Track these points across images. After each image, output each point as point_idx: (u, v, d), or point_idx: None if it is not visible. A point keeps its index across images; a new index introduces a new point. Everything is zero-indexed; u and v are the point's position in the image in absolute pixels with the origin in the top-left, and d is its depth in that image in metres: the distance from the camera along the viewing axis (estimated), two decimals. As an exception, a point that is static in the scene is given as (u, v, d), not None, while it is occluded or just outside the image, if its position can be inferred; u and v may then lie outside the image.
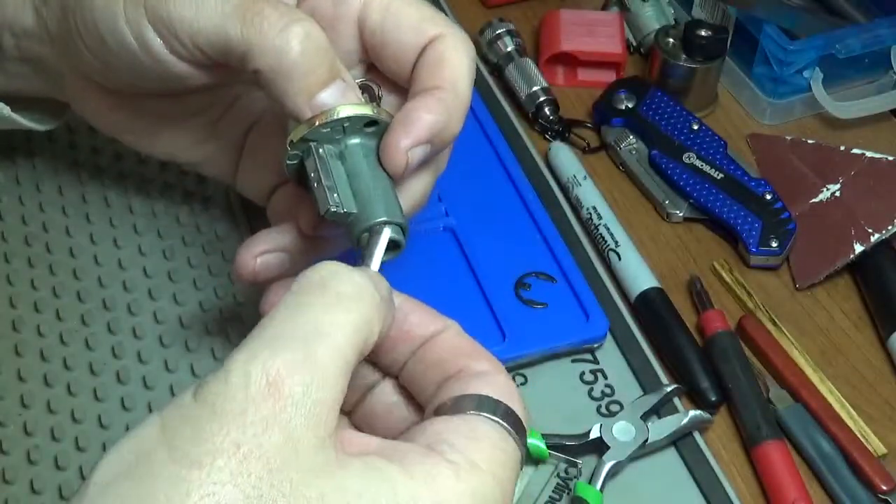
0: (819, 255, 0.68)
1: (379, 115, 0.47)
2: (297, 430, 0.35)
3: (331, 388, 0.36)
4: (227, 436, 0.34)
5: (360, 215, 0.46)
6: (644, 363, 0.62)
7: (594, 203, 0.69)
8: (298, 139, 0.47)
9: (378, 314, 0.39)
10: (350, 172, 0.47)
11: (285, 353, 0.36)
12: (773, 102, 0.77)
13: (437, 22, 0.50)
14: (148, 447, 0.35)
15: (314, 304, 0.38)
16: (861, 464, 0.58)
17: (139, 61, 0.50)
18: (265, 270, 0.52)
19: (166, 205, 0.66)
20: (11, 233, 0.64)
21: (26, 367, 0.58)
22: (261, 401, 0.35)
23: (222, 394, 0.35)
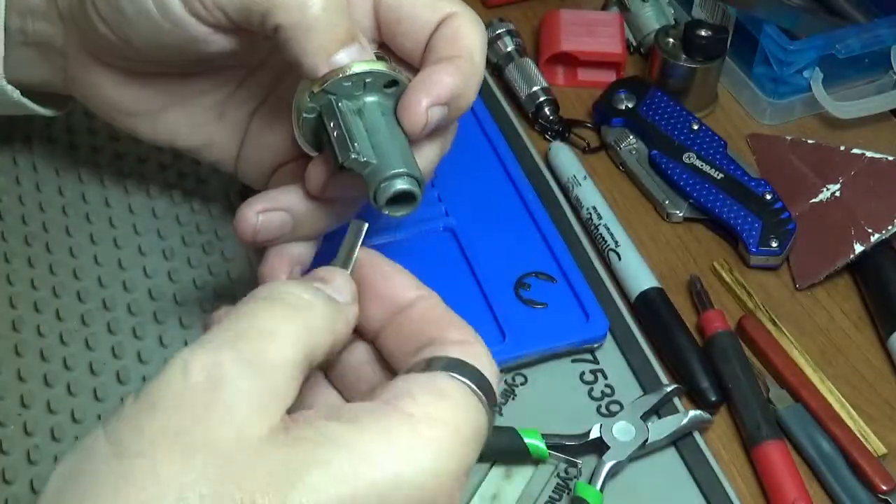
0: (819, 255, 0.68)
1: (399, 75, 0.48)
2: (241, 415, 0.35)
3: (274, 385, 0.36)
4: (166, 424, 0.34)
5: (379, 166, 0.46)
6: (644, 363, 0.62)
7: (594, 203, 0.69)
8: (318, 90, 0.47)
9: (326, 324, 0.39)
10: (368, 128, 0.48)
11: (227, 348, 0.36)
12: (773, 102, 0.77)
13: (450, 1, 0.51)
14: (93, 450, 0.35)
15: (264, 311, 0.38)
16: (861, 464, 0.58)
17: (157, 25, 0.50)
18: (266, 229, 0.52)
19: (166, 205, 0.66)
20: (11, 233, 0.64)
21: (26, 367, 0.58)
22: (200, 390, 0.35)
23: (160, 388, 0.35)
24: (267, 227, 0.52)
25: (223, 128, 0.58)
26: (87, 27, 0.52)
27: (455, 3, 0.51)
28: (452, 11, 0.51)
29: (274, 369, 0.36)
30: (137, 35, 0.51)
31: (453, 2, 0.52)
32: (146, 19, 0.50)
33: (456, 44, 0.50)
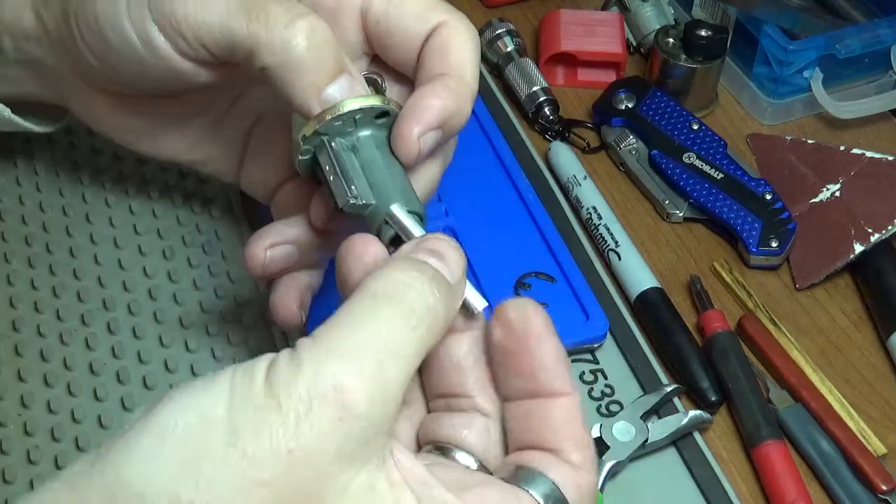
0: (819, 255, 0.68)
1: (389, 106, 0.48)
2: (351, 445, 0.35)
3: (391, 407, 0.36)
4: (283, 436, 0.34)
5: (378, 205, 0.46)
6: (644, 363, 0.62)
7: (594, 203, 0.69)
8: (311, 133, 0.47)
9: (444, 325, 0.40)
10: (364, 164, 0.47)
11: (357, 363, 0.36)
12: (773, 102, 0.77)
13: (441, 9, 0.50)
14: (212, 419, 0.35)
15: (389, 318, 0.38)
16: (861, 464, 0.58)
17: (143, 60, 0.49)
18: (274, 263, 0.52)
19: (166, 205, 0.66)
20: (11, 233, 0.64)
21: (26, 367, 0.58)
22: (324, 406, 0.35)
23: (290, 388, 0.35)
24: (275, 260, 0.52)
25: (221, 145, 0.58)
26: (76, 55, 0.52)
27: (445, 11, 0.50)
28: (442, 21, 0.50)
29: (394, 392, 0.36)
30: (124, 67, 0.51)
31: (444, 10, 0.50)
32: (132, 54, 0.49)
33: (446, 59, 0.49)
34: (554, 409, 0.41)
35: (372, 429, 0.36)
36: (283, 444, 0.34)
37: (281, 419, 0.34)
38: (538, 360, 0.41)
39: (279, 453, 0.34)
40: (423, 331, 0.38)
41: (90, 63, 0.52)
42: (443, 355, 0.43)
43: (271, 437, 0.34)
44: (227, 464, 0.34)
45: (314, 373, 0.35)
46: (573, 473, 0.40)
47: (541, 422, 0.41)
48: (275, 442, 0.34)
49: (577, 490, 0.40)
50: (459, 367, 0.43)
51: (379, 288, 0.39)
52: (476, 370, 0.43)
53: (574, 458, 0.40)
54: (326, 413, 0.35)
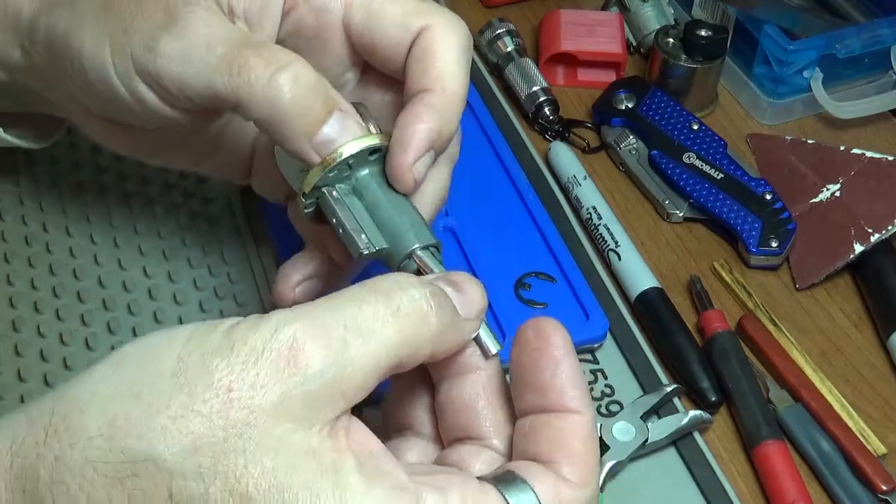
0: (819, 255, 0.68)
1: (379, 142, 0.47)
2: (293, 401, 0.35)
3: (348, 384, 0.36)
4: (227, 376, 0.35)
5: (393, 248, 0.46)
6: (644, 363, 0.62)
7: (594, 203, 0.69)
8: (310, 190, 0.47)
9: (428, 338, 0.39)
10: (368, 205, 0.47)
11: (322, 332, 0.36)
12: (773, 102, 0.77)
13: (423, 12, 0.49)
14: (164, 353, 0.36)
15: (372, 308, 0.38)
16: (861, 464, 0.58)
17: (131, 108, 0.49)
18: (304, 299, 0.52)
19: (166, 205, 0.66)
20: (11, 233, 0.64)
21: (26, 367, 0.58)
22: (274, 358, 0.35)
23: (246, 337, 0.36)
24: (303, 296, 0.52)
25: (224, 155, 0.57)
26: (67, 90, 0.51)
27: (427, 13, 0.49)
28: (424, 25, 0.49)
29: (353, 367, 0.37)
30: (115, 110, 0.50)
31: (428, 12, 0.49)
32: (120, 102, 0.49)
33: (428, 70, 0.48)
34: (559, 423, 0.40)
35: (319, 394, 0.36)
36: (225, 383, 0.35)
37: (228, 361, 0.35)
38: (549, 375, 0.41)
39: (219, 390, 0.35)
40: (403, 327, 0.38)
41: (82, 100, 0.51)
42: (455, 397, 0.43)
43: (215, 374, 0.35)
44: (168, 392, 0.35)
45: (274, 327, 0.36)
46: (557, 485, 0.39)
47: (542, 433, 0.40)
48: (216, 378, 0.35)
49: (557, 502, 0.39)
50: (472, 408, 0.42)
51: (371, 283, 0.39)
52: (489, 412, 0.42)
53: (565, 472, 0.40)
54: (274, 364, 0.35)
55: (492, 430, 0.42)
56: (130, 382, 0.36)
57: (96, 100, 0.50)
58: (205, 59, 0.46)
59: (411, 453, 0.43)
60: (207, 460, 0.34)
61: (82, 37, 0.48)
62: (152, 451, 0.34)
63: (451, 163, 0.52)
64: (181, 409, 0.35)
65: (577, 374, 0.41)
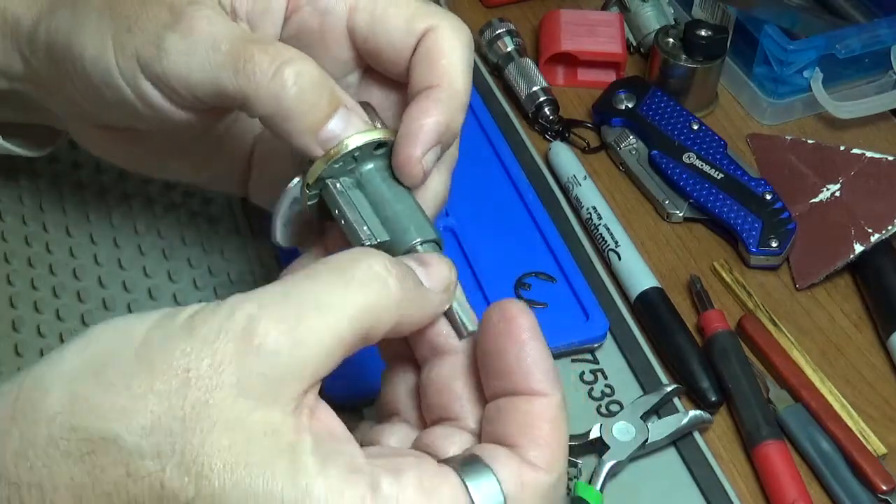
0: (819, 255, 0.68)
1: (385, 137, 0.47)
2: (252, 380, 0.36)
3: (308, 359, 0.37)
4: (184, 357, 0.36)
5: (395, 241, 0.46)
6: (644, 363, 0.62)
7: (594, 203, 0.69)
8: (314, 180, 0.47)
9: (390, 305, 0.39)
10: (371, 198, 0.47)
11: (276, 311, 0.37)
12: (773, 102, 0.77)
13: (427, 15, 0.49)
14: (129, 335, 0.37)
15: (325, 280, 0.38)
16: (861, 464, 0.58)
17: (136, 110, 0.49)
18: None
19: (166, 205, 0.66)
20: (11, 233, 0.64)
21: (26, 367, 0.58)
22: (230, 339, 0.36)
23: (204, 320, 0.37)
24: None
25: (223, 164, 0.57)
26: (67, 97, 0.51)
27: (431, 15, 0.49)
28: (429, 26, 0.49)
29: (314, 346, 0.37)
30: (118, 114, 0.50)
31: (430, 15, 0.49)
32: (125, 104, 0.49)
33: (434, 68, 0.48)
34: (527, 406, 0.40)
35: (278, 370, 0.36)
36: (183, 363, 0.36)
37: (188, 343, 0.36)
38: (514, 357, 0.40)
39: (177, 370, 0.36)
40: (361, 296, 0.38)
41: (83, 106, 0.51)
42: (434, 378, 0.43)
43: (174, 354, 0.36)
44: (129, 372, 0.36)
45: (230, 309, 0.37)
46: (521, 469, 0.39)
47: (509, 417, 0.40)
48: (175, 359, 0.36)
49: (520, 486, 0.39)
50: (450, 389, 0.43)
51: (330, 259, 0.39)
52: (466, 393, 0.42)
53: (530, 455, 0.39)
54: (230, 344, 0.36)
55: (468, 412, 0.42)
56: (94, 363, 0.36)
57: (99, 104, 0.50)
58: (210, 56, 0.46)
59: (393, 438, 0.43)
60: (165, 439, 0.35)
61: (84, 38, 0.48)
62: (111, 429, 0.35)
63: (452, 164, 0.52)
64: (140, 389, 0.35)
65: (543, 356, 0.41)
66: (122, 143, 0.55)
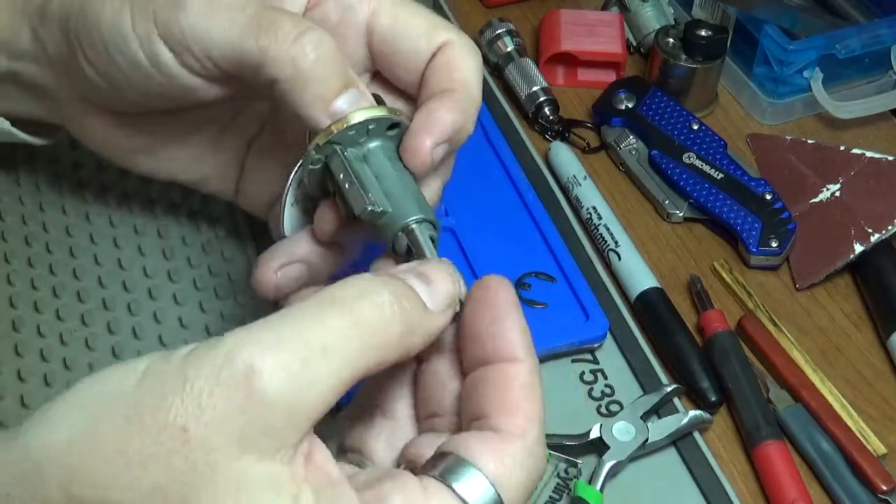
0: (819, 255, 0.68)
1: (401, 118, 0.48)
2: (253, 433, 0.34)
3: (308, 406, 0.35)
4: (182, 415, 0.34)
5: (395, 214, 0.46)
6: (644, 363, 0.62)
7: (594, 203, 0.69)
8: (324, 143, 0.47)
9: (394, 342, 0.38)
10: (376, 174, 0.47)
11: (279, 355, 0.35)
12: (773, 102, 0.77)
13: (445, 29, 0.50)
14: (118, 392, 0.35)
15: (332, 323, 0.37)
16: (861, 464, 0.58)
17: (149, 77, 0.49)
18: (287, 283, 0.51)
19: (166, 205, 0.66)
20: (11, 233, 0.64)
21: (26, 367, 0.58)
22: (229, 390, 0.34)
23: (198, 370, 0.34)
24: (287, 280, 0.51)
25: (219, 163, 0.57)
26: (77, 74, 0.52)
27: (450, 31, 0.50)
28: (447, 40, 0.50)
29: (315, 389, 0.35)
30: (129, 85, 0.50)
31: (448, 29, 0.50)
32: (138, 70, 0.49)
33: (452, 76, 0.49)
34: (496, 373, 0.40)
35: (281, 420, 0.35)
36: (180, 423, 0.34)
37: (182, 396, 0.34)
38: (488, 323, 0.41)
39: (174, 430, 0.34)
40: (367, 339, 0.37)
41: (93, 82, 0.51)
42: (429, 374, 0.43)
43: (169, 412, 0.34)
44: (123, 437, 0.34)
45: (228, 353, 0.35)
46: (499, 448, 0.39)
47: (481, 388, 0.40)
48: (172, 417, 0.34)
49: (501, 465, 0.38)
50: (444, 386, 0.43)
51: (332, 293, 0.38)
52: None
53: (501, 424, 0.39)
54: (231, 395, 0.34)
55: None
56: (86, 430, 0.34)
57: (110, 75, 0.50)
58: (233, 16, 0.46)
59: (380, 443, 0.43)
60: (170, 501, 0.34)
61: (102, 3, 0.49)
62: (109, 499, 0.34)
63: (446, 177, 0.53)
64: (137, 455, 0.34)
65: (516, 324, 0.41)
66: (120, 130, 0.55)
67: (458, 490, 0.37)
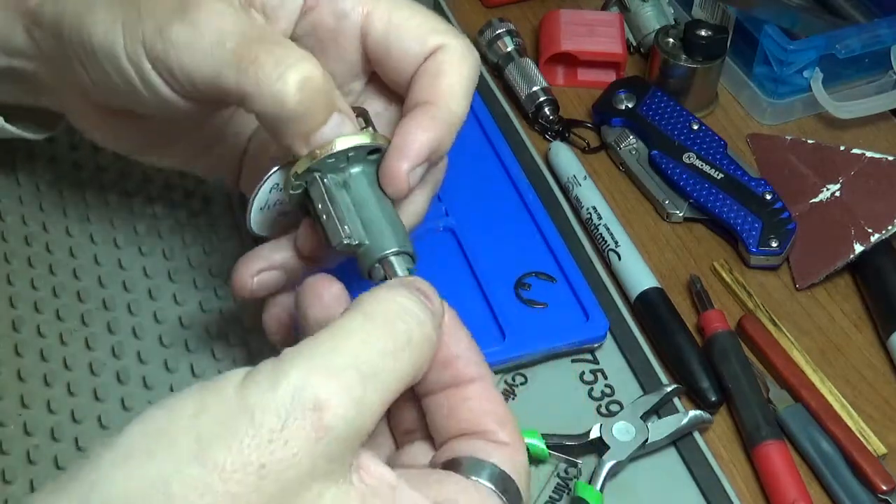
0: (819, 255, 0.68)
1: (381, 143, 0.48)
2: (320, 462, 0.35)
3: (366, 428, 0.37)
4: (255, 451, 0.34)
5: (372, 245, 0.46)
6: (644, 363, 0.62)
7: (594, 203, 0.69)
8: (303, 170, 0.47)
9: (430, 357, 0.40)
10: (355, 201, 0.47)
11: (339, 382, 0.36)
12: (773, 102, 0.77)
13: (441, 32, 0.50)
14: (179, 427, 0.34)
15: (383, 345, 0.38)
16: (861, 464, 0.58)
17: (140, 95, 0.49)
18: (262, 288, 0.52)
19: (166, 205, 0.66)
20: (11, 233, 0.64)
21: (26, 367, 0.58)
22: (300, 423, 0.35)
23: (265, 403, 0.35)
24: (262, 286, 0.52)
25: (219, 153, 0.57)
26: (70, 74, 0.51)
27: (446, 35, 0.50)
28: (441, 44, 0.50)
29: (372, 414, 0.37)
30: (126, 98, 0.50)
31: (444, 33, 0.50)
32: (130, 86, 0.49)
33: (436, 84, 0.49)
34: (471, 392, 0.42)
35: (347, 447, 0.36)
36: (255, 458, 0.34)
37: (254, 431, 0.34)
38: (451, 349, 0.42)
39: (250, 467, 0.34)
40: (410, 358, 0.38)
41: (86, 84, 0.51)
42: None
43: (242, 449, 0.34)
44: (196, 477, 0.33)
45: (295, 387, 0.35)
46: (505, 451, 0.41)
47: (462, 406, 0.41)
48: (245, 455, 0.34)
49: (514, 466, 0.41)
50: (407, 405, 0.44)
51: (373, 308, 0.39)
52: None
53: (501, 437, 0.41)
54: (303, 430, 0.34)
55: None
56: (153, 475, 0.34)
57: (102, 84, 0.50)
58: (215, 51, 0.46)
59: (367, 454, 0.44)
60: None
61: (95, 18, 0.48)
62: None
63: (436, 187, 0.53)
64: (213, 495, 0.33)
65: (474, 344, 0.43)
66: (120, 125, 0.55)
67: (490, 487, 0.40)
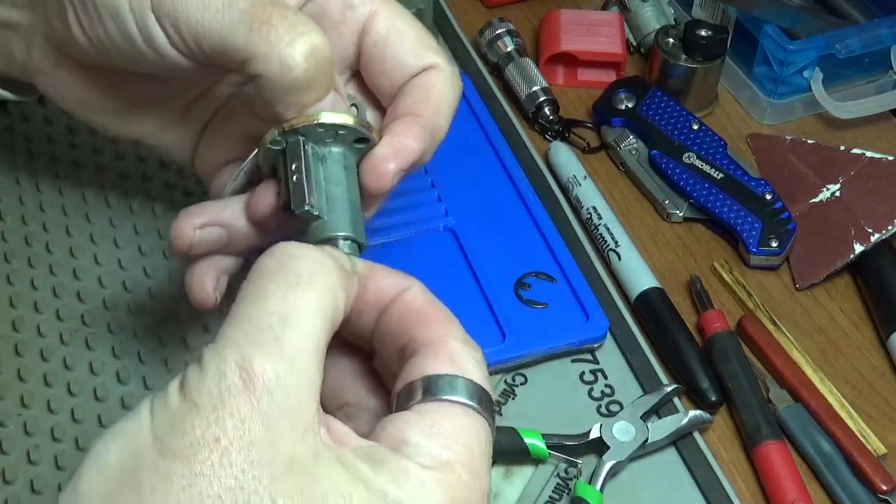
0: (819, 255, 0.68)
1: (371, 135, 0.48)
2: (275, 420, 0.35)
3: (305, 374, 0.36)
4: (207, 429, 0.35)
5: (328, 222, 0.46)
6: (644, 363, 0.62)
7: (594, 203, 0.69)
8: (290, 129, 0.47)
9: (340, 283, 0.39)
10: (328, 178, 0.47)
11: (254, 343, 0.36)
12: (773, 102, 0.77)
13: (437, 52, 0.51)
14: (139, 442, 0.35)
15: (275, 289, 0.38)
16: (861, 464, 0.58)
17: (138, 50, 0.49)
18: (201, 243, 0.50)
19: (166, 205, 0.66)
20: (11, 233, 0.64)
21: (26, 367, 0.58)
22: (236, 393, 0.35)
23: (200, 388, 0.35)
24: (203, 241, 0.50)
25: (185, 129, 0.57)
26: (59, 24, 0.51)
27: (440, 56, 0.51)
28: (435, 63, 0.51)
29: (302, 359, 0.36)
30: (117, 52, 0.50)
31: (439, 54, 0.51)
32: (129, 43, 0.49)
33: (427, 99, 0.50)
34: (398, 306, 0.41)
35: (293, 397, 0.36)
36: (209, 436, 0.34)
37: (201, 418, 0.35)
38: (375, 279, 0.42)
39: (207, 445, 0.34)
40: (314, 292, 0.38)
41: (78, 40, 0.50)
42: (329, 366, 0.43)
43: (195, 436, 0.34)
44: (161, 470, 0.34)
45: (217, 366, 0.36)
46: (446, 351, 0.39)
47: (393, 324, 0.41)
48: (199, 437, 0.34)
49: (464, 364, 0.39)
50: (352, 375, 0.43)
51: (265, 263, 0.39)
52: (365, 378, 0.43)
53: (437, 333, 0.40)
54: (240, 400, 0.35)
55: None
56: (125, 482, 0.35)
57: (98, 39, 0.50)
58: (227, 9, 0.46)
59: None
60: None
61: None
62: None
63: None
64: (184, 481, 0.34)
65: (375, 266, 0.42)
66: (95, 86, 0.54)
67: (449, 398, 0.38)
